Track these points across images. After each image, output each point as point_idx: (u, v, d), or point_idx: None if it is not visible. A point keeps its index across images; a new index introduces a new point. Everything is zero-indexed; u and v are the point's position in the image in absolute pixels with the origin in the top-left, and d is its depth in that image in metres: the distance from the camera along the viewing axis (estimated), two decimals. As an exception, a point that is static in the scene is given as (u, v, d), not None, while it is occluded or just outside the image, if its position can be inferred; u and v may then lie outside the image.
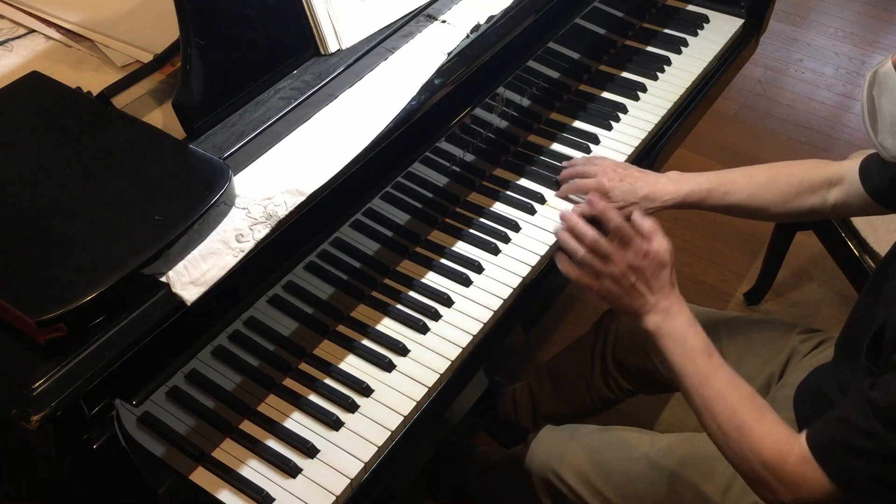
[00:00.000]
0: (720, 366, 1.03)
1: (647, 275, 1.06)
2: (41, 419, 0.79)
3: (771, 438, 0.97)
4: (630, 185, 1.30)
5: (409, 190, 1.24)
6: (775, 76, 3.00)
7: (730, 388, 1.01)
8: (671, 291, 1.07)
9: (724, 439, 1.00)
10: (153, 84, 1.14)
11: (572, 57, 1.54)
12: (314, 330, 1.18)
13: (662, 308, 1.06)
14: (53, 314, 0.80)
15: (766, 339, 1.38)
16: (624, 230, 1.06)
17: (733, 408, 0.99)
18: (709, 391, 1.01)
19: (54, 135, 0.99)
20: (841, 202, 1.25)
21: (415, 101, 1.10)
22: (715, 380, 1.02)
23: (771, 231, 2.05)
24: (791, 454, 0.95)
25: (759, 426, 0.98)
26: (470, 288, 1.25)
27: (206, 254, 0.90)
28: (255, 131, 1.04)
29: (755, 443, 0.97)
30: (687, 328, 1.05)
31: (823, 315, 2.19)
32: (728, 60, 1.73)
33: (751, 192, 1.28)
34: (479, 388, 1.24)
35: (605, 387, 1.56)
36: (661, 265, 1.06)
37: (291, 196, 0.96)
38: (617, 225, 1.07)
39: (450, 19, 1.22)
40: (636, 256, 1.06)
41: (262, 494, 1.01)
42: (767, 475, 0.96)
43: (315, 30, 1.13)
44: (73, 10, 1.27)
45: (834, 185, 1.26)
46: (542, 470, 1.35)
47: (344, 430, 1.09)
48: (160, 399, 0.99)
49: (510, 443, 1.80)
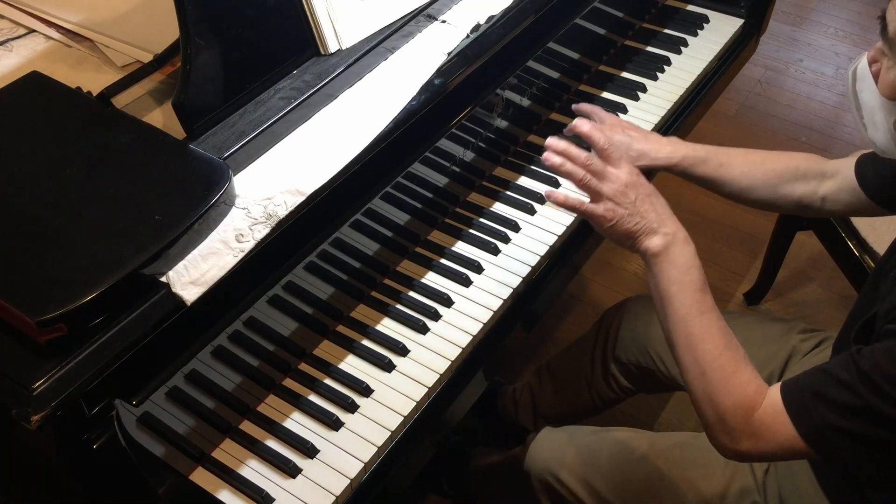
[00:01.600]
0: (713, 307, 1.02)
1: (646, 191, 1.06)
2: (41, 419, 0.79)
3: (749, 386, 0.96)
4: (628, 138, 1.26)
5: (409, 190, 1.24)
6: (775, 76, 3.00)
7: (718, 330, 1.00)
8: (676, 221, 1.06)
9: (699, 378, 0.98)
10: (153, 84, 1.14)
11: (572, 57, 1.54)
12: (314, 330, 1.18)
13: (671, 231, 1.05)
14: (53, 314, 0.80)
15: (766, 337, 1.38)
16: (611, 150, 1.07)
17: (719, 349, 0.98)
18: (697, 327, 1.00)
19: (54, 135, 0.99)
20: (832, 196, 1.25)
21: (415, 101, 1.10)
22: (706, 317, 1.00)
23: (771, 231, 2.05)
24: (761, 403, 0.94)
25: (738, 372, 0.97)
26: (470, 288, 1.25)
27: (206, 254, 0.90)
28: (255, 131, 1.04)
29: (733, 386, 0.96)
30: (693, 259, 1.04)
31: (823, 315, 2.19)
32: (728, 60, 1.73)
33: (744, 168, 1.27)
34: (479, 388, 1.24)
35: (606, 386, 1.56)
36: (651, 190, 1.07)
37: (291, 196, 0.96)
38: (602, 146, 1.08)
39: (450, 19, 1.22)
40: (629, 174, 1.06)
41: (261, 494, 1.01)
42: (732, 420, 0.95)
43: (315, 30, 1.13)
44: (73, 10, 1.27)
45: (827, 178, 1.26)
46: (540, 472, 1.35)
47: (344, 430, 1.09)
48: (160, 399, 0.99)
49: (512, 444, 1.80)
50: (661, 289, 1.04)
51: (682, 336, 1.01)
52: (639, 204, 1.05)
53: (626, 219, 1.05)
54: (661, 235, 1.04)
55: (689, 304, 1.01)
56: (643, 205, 1.05)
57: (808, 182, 1.27)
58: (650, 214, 1.05)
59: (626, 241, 1.07)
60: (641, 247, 1.05)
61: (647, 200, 1.06)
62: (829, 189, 1.26)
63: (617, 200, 1.06)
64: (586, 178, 1.07)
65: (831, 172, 1.26)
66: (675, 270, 1.03)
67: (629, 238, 1.06)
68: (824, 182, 1.26)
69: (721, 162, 1.27)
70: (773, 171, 1.27)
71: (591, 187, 1.07)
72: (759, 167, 1.27)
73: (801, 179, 1.27)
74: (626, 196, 1.05)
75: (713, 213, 2.42)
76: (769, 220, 2.09)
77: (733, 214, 2.41)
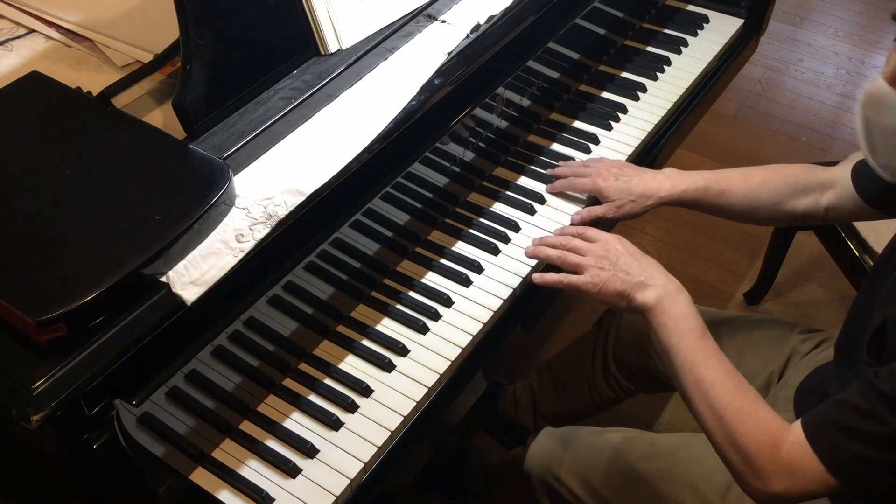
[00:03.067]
0: (717, 351, 1.02)
1: (628, 251, 1.09)
2: (41, 419, 0.79)
3: (770, 424, 0.95)
4: (625, 183, 1.30)
5: (408, 190, 1.24)
6: (775, 76, 3.00)
7: (726, 373, 1.00)
8: (666, 273, 1.08)
9: (717, 424, 0.97)
10: (153, 84, 1.14)
11: (572, 57, 1.54)
12: (314, 330, 1.18)
13: (661, 283, 1.06)
14: (53, 314, 0.80)
15: (766, 338, 1.38)
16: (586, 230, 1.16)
17: (731, 392, 0.98)
18: (705, 373, 1.00)
19: (54, 135, 0.99)
20: (834, 205, 1.25)
21: (415, 101, 1.10)
22: (712, 362, 1.00)
23: (771, 231, 2.05)
24: (786, 441, 0.93)
25: (756, 411, 0.96)
26: (470, 288, 1.25)
27: (206, 254, 0.90)
28: (255, 131, 1.04)
29: (752, 426, 0.95)
30: (688, 307, 1.05)
31: (823, 315, 2.19)
32: (728, 60, 1.73)
33: (746, 192, 1.28)
34: (479, 388, 1.24)
35: (606, 386, 1.56)
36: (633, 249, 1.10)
37: (291, 196, 0.96)
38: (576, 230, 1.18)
39: (450, 19, 1.22)
40: (606, 241, 1.11)
41: (261, 494, 1.01)
42: (759, 460, 0.94)
43: (315, 30, 1.13)
44: (73, 10, 1.27)
45: (827, 189, 1.26)
46: (541, 472, 1.35)
47: (344, 430, 1.09)
48: (160, 399, 0.99)
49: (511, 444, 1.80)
50: (662, 341, 1.04)
51: (691, 384, 1.00)
52: (621, 263, 1.09)
53: (612, 280, 1.08)
54: (652, 288, 1.06)
55: (693, 352, 1.01)
56: (626, 263, 1.09)
57: (810, 195, 1.27)
58: (635, 269, 1.08)
59: (621, 302, 1.09)
60: (636, 303, 1.07)
61: (629, 258, 1.09)
62: (831, 199, 1.26)
63: (599, 265, 1.10)
64: (563, 255, 1.14)
65: (830, 182, 1.26)
66: (673, 321, 1.04)
67: (621, 297, 1.09)
68: (825, 193, 1.26)
69: (722, 189, 1.28)
70: (774, 189, 1.27)
71: (571, 263, 1.12)
72: (761, 188, 1.27)
73: (802, 194, 1.27)
74: (606, 259, 1.10)
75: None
76: (769, 220, 2.09)
77: (733, 214, 2.41)
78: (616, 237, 1.14)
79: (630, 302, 1.08)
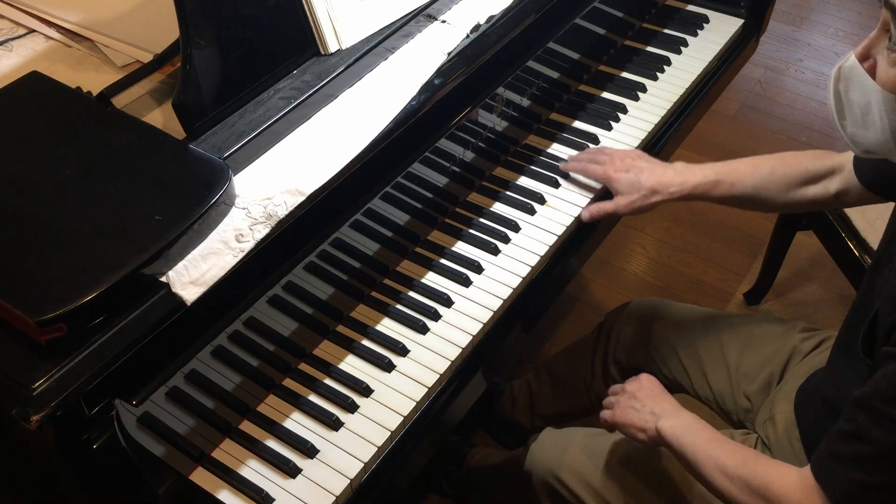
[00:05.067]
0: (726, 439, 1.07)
1: (647, 392, 1.18)
2: (41, 419, 0.79)
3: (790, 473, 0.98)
4: (635, 175, 1.30)
5: (408, 190, 1.24)
6: (775, 76, 3.00)
7: (740, 448, 1.05)
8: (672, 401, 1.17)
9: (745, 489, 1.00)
10: (153, 84, 1.14)
11: (572, 57, 1.54)
12: (314, 330, 1.18)
13: (670, 412, 1.14)
14: (53, 314, 0.80)
15: (767, 336, 1.38)
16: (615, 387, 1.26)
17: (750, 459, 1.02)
18: (725, 457, 1.03)
19: (54, 135, 0.99)
20: (842, 190, 1.26)
21: (415, 101, 1.10)
22: (728, 445, 1.05)
23: (771, 231, 2.05)
24: (799, 485, 0.95)
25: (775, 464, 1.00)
26: (470, 288, 1.25)
27: (206, 254, 0.90)
28: (255, 131, 1.04)
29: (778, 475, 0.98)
30: (691, 415, 1.12)
31: (823, 315, 2.19)
32: (728, 60, 1.73)
33: (756, 182, 1.28)
34: (479, 388, 1.24)
35: (605, 388, 1.56)
36: (655, 388, 1.19)
37: (291, 196, 0.96)
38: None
39: (450, 19, 1.22)
40: (631, 387, 1.21)
41: (261, 494, 1.01)
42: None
43: (315, 30, 1.13)
44: (73, 10, 1.27)
45: (835, 174, 1.26)
46: (542, 473, 1.35)
47: (344, 430, 1.09)
48: (160, 399, 0.99)
49: (510, 442, 1.80)
50: (686, 454, 1.08)
51: (716, 472, 1.04)
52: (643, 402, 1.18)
53: (636, 415, 1.17)
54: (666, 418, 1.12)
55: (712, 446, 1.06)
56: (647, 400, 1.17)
57: (819, 182, 1.27)
58: (653, 406, 1.16)
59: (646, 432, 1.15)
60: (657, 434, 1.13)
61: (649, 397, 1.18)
62: (839, 185, 1.26)
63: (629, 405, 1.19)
64: (610, 400, 1.24)
65: (838, 167, 1.26)
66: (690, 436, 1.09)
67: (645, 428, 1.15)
68: (833, 179, 1.26)
69: (732, 181, 1.28)
70: (784, 178, 1.27)
71: (612, 405, 1.23)
72: (771, 177, 1.27)
73: (811, 181, 1.27)
74: (634, 400, 1.19)
75: (713, 214, 2.42)
76: (769, 220, 2.09)
77: (733, 214, 2.41)
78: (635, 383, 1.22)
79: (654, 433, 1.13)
